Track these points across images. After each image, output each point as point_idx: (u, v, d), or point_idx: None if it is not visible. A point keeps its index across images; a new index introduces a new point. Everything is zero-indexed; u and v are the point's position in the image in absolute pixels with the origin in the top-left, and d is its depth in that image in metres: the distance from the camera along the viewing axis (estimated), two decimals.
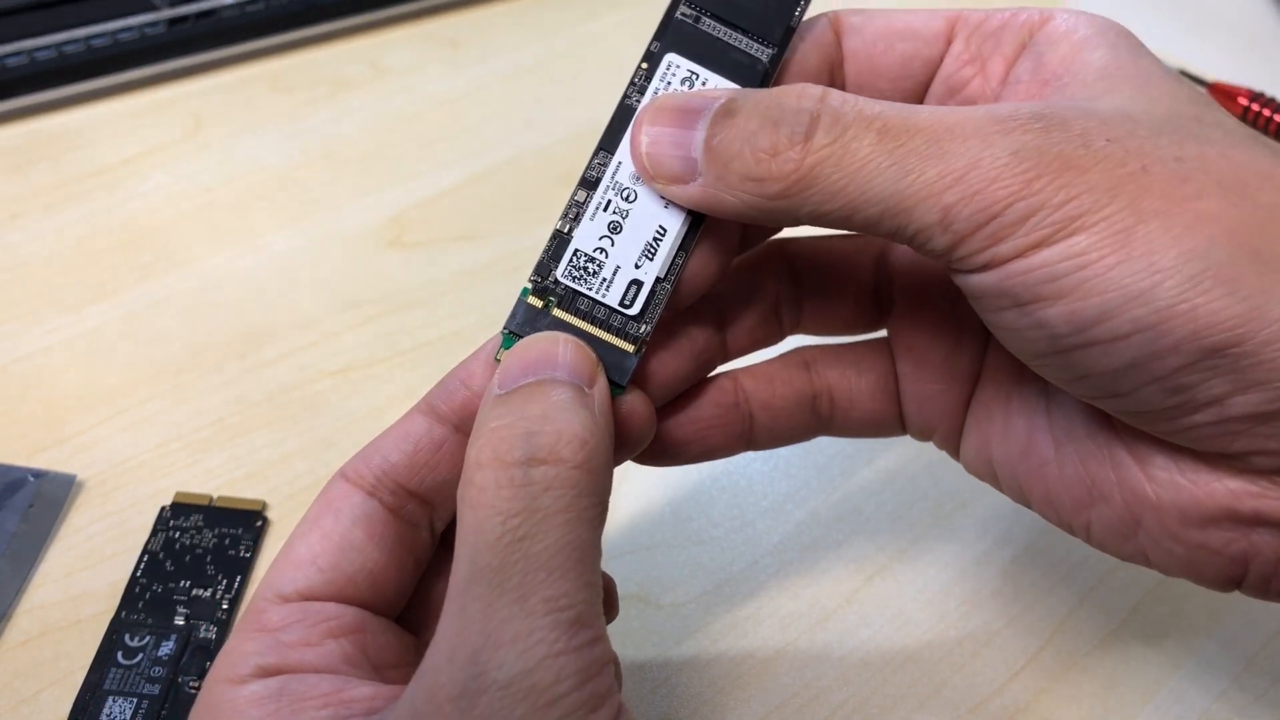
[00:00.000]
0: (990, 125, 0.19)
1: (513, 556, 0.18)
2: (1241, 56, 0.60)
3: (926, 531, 0.35)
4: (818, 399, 0.26)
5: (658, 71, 0.23)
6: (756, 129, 0.21)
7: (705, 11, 0.23)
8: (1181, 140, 0.19)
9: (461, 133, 0.50)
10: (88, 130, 0.49)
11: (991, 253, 0.19)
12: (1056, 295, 0.19)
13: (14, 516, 0.33)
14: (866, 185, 0.20)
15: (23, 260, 0.43)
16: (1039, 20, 0.23)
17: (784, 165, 0.20)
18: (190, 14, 0.52)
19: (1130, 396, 0.20)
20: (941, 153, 0.19)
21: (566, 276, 0.23)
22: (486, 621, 0.18)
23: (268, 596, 0.21)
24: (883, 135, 0.20)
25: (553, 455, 0.19)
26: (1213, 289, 0.18)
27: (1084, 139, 0.19)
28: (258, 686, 0.20)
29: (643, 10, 0.59)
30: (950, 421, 0.26)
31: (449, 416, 0.23)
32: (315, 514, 0.22)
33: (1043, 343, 0.20)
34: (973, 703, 0.31)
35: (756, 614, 0.33)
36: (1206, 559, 0.21)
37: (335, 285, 0.42)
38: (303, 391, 0.38)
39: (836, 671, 0.31)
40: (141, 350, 0.40)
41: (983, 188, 0.19)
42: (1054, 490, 0.24)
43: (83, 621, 0.32)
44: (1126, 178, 0.19)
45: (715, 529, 0.35)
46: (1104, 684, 0.31)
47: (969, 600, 0.33)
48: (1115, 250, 0.18)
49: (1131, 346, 0.19)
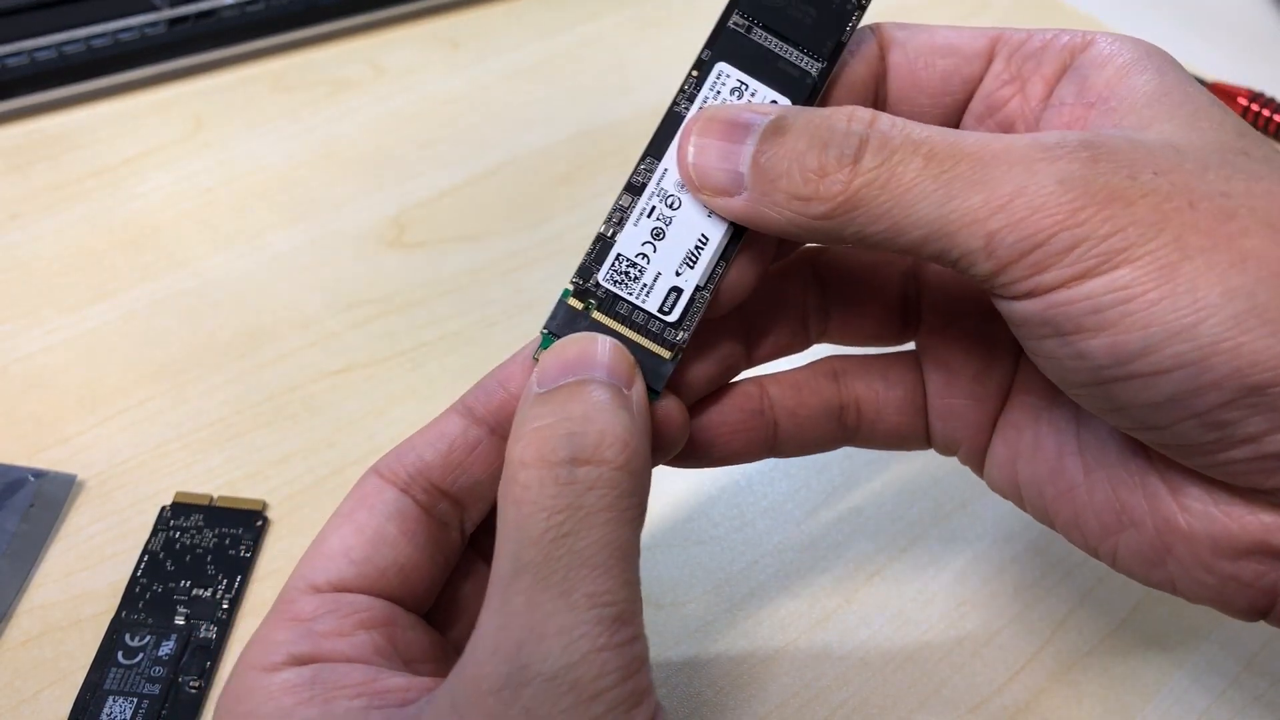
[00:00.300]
0: (1037, 153, 0.19)
1: (557, 552, 0.19)
2: (1241, 56, 0.60)
3: (926, 531, 0.35)
4: (845, 410, 0.26)
5: (708, 80, 0.23)
6: (805, 149, 0.21)
7: (757, 22, 0.23)
8: (1229, 175, 0.19)
9: (461, 133, 0.50)
10: (88, 130, 0.49)
11: (1035, 281, 0.19)
12: (1099, 327, 0.19)
13: (14, 516, 0.33)
14: (911, 209, 0.20)
15: (23, 260, 0.43)
16: (1081, 43, 0.23)
17: (831, 186, 0.20)
18: (190, 14, 0.52)
19: (1168, 430, 0.20)
20: (987, 179, 0.19)
21: (608, 280, 0.23)
22: (530, 615, 0.18)
23: (300, 586, 0.22)
24: (929, 160, 0.20)
25: (596, 455, 0.20)
26: (1256, 328, 0.18)
27: (1131, 170, 0.19)
28: (290, 674, 0.20)
29: (643, 10, 0.59)
30: (977, 438, 0.26)
31: (485, 418, 0.23)
32: (349, 508, 0.22)
33: (1083, 373, 0.20)
34: (973, 703, 0.31)
35: (756, 614, 0.33)
36: (1236, 590, 0.21)
37: (335, 285, 0.43)
38: (303, 391, 0.38)
39: (836, 671, 0.31)
40: (141, 350, 0.40)
41: (1027, 216, 0.19)
42: (1082, 514, 0.24)
43: (83, 621, 0.32)
44: (1172, 212, 0.19)
45: (715, 529, 0.35)
46: (1104, 684, 0.31)
47: (969, 600, 0.33)
48: (1160, 285, 0.18)
49: (1173, 381, 0.19)
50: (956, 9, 0.61)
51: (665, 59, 0.55)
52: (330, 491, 0.35)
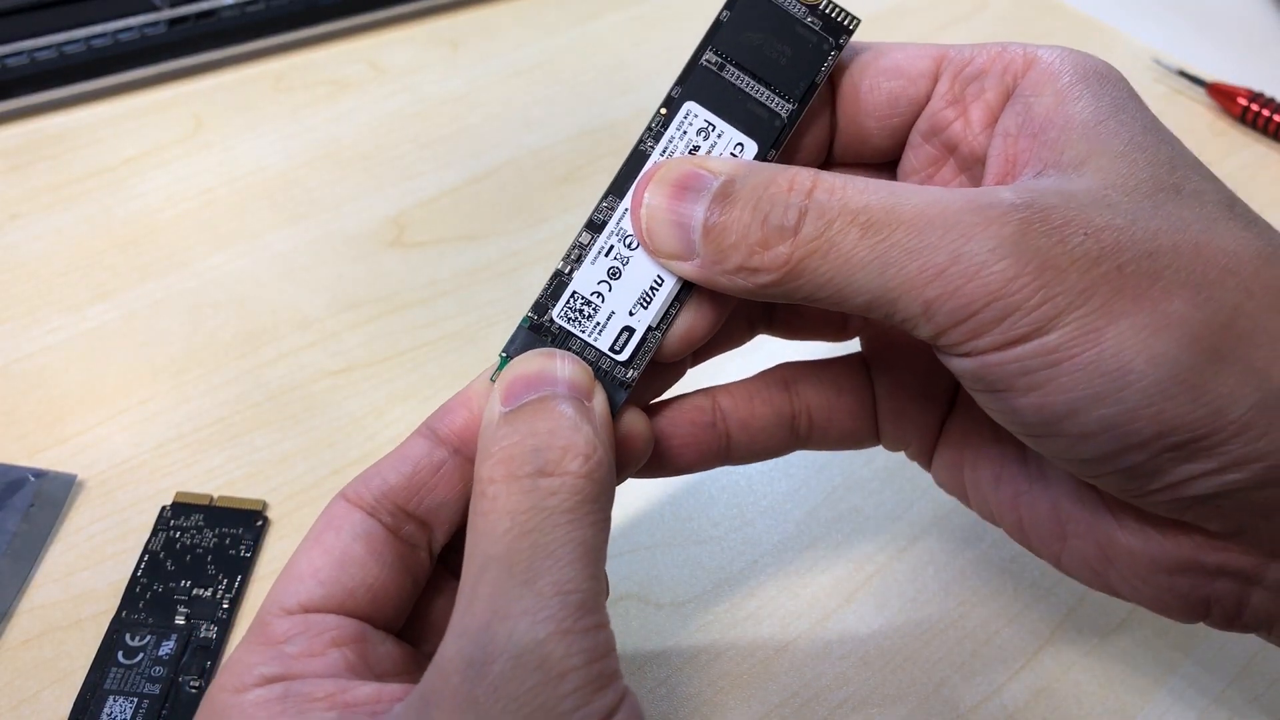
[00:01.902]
0: (971, 217, 0.20)
1: (520, 545, 0.19)
2: (1241, 56, 0.60)
3: (926, 531, 0.35)
4: (796, 418, 0.27)
5: (675, 119, 0.24)
6: (749, 221, 0.21)
7: (730, 60, 0.24)
8: (1156, 230, 0.20)
9: (461, 133, 0.50)
10: (88, 130, 0.49)
11: (971, 345, 0.20)
12: (1028, 388, 0.20)
13: (14, 516, 0.33)
14: (851, 278, 0.20)
15: (23, 260, 0.43)
16: (1023, 63, 0.23)
17: (775, 259, 0.21)
18: (190, 14, 0.52)
19: (1096, 478, 0.21)
20: (922, 247, 0.20)
21: (562, 317, 0.23)
22: (495, 600, 0.19)
23: (273, 610, 0.22)
24: (865, 229, 0.20)
25: (560, 468, 0.20)
26: (1178, 394, 0.19)
27: (1062, 235, 0.20)
28: (261, 691, 0.20)
29: (643, 10, 0.59)
30: (924, 439, 0.27)
31: (449, 439, 0.24)
32: (317, 532, 0.23)
33: (1016, 427, 0.21)
34: (972, 702, 0.31)
35: (756, 614, 0.33)
36: (1173, 600, 0.23)
37: (335, 285, 0.43)
38: (303, 391, 0.38)
39: (836, 671, 0.31)
40: (142, 350, 0.40)
41: (962, 284, 0.20)
42: (1027, 520, 0.25)
43: (83, 621, 0.32)
44: (1101, 278, 0.19)
45: (715, 529, 0.35)
46: (1103, 684, 0.31)
47: (969, 600, 0.33)
48: (1086, 350, 0.19)
49: (1098, 443, 0.20)
50: (956, 8, 0.61)
51: (665, 59, 0.55)
52: (330, 491, 0.35)
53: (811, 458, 0.37)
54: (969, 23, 0.60)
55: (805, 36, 0.24)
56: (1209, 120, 0.54)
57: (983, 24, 0.60)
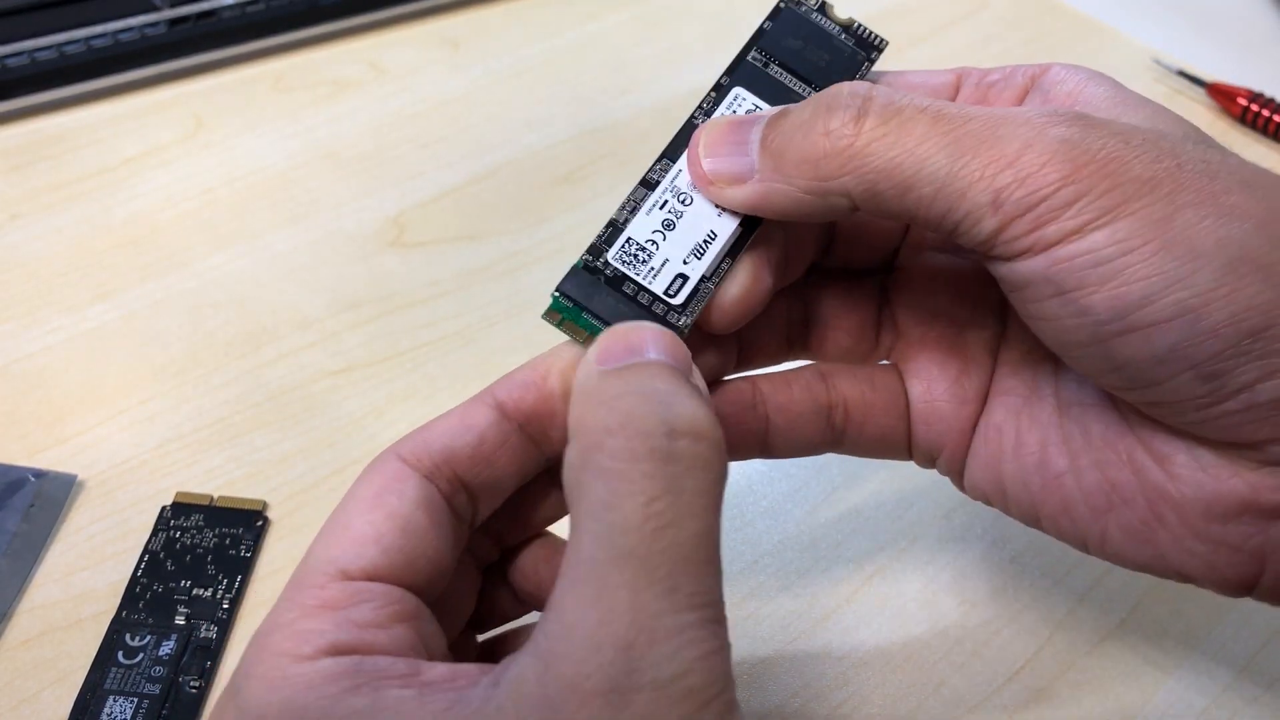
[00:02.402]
0: (1040, 118, 0.20)
1: (659, 544, 0.18)
2: (1241, 56, 0.60)
3: (926, 531, 0.35)
4: (833, 410, 0.27)
5: (725, 100, 0.24)
6: (810, 117, 0.22)
7: (774, 60, 0.25)
8: (1205, 148, 0.21)
9: (461, 133, 0.50)
10: (88, 130, 0.49)
11: (1037, 235, 0.20)
12: (1100, 281, 0.20)
13: (14, 516, 0.33)
14: (922, 164, 0.20)
15: (23, 260, 0.43)
16: (1040, 70, 0.25)
17: (838, 141, 0.21)
18: (191, 14, 0.52)
19: (1165, 385, 0.21)
20: (996, 136, 0.20)
21: (618, 259, 0.23)
22: (637, 614, 0.17)
23: (328, 571, 0.20)
24: (936, 119, 0.21)
25: (693, 429, 0.19)
26: (1249, 274, 0.19)
27: (1123, 136, 0.20)
28: (330, 663, 0.19)
29: (643, 10, 0.59)
30: (958, 441, 0.27)
31: (515, 415, 0.23)
32: (374, 491, 0.21)
33: (1084, 331, 0.21)
34: (972, 703, 0.31)
35: (756, 614, 0.33)
36: (1226, 556, 0.22)
37: (335, 285, 0.43)
38: (303, 391, 0.38)
39: (836, 671, 0.31)
40: (142, 350, 0.40)
41: (1034, 171, 0.20)
42: (1070, 501, 0.24)
43: (83, 621, 0.32)
44: (1163, 172, 0.20)
45: None
46: (1104, 684, 0.31)
47: (969, 600, 0.33)
48: (1157, 236, 0.19)
49: (1172, 331, 0.19)
50: (956, 8, 0.61)
51: (665, 59, 0.55)
52: (330, 491, 0.35)
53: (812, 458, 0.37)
54: (969, 23, 0.60)
55: (840, 48, 0.25)
56: (1209, 120, 0.54)
57: (983, 24, 0.60)
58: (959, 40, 0.59)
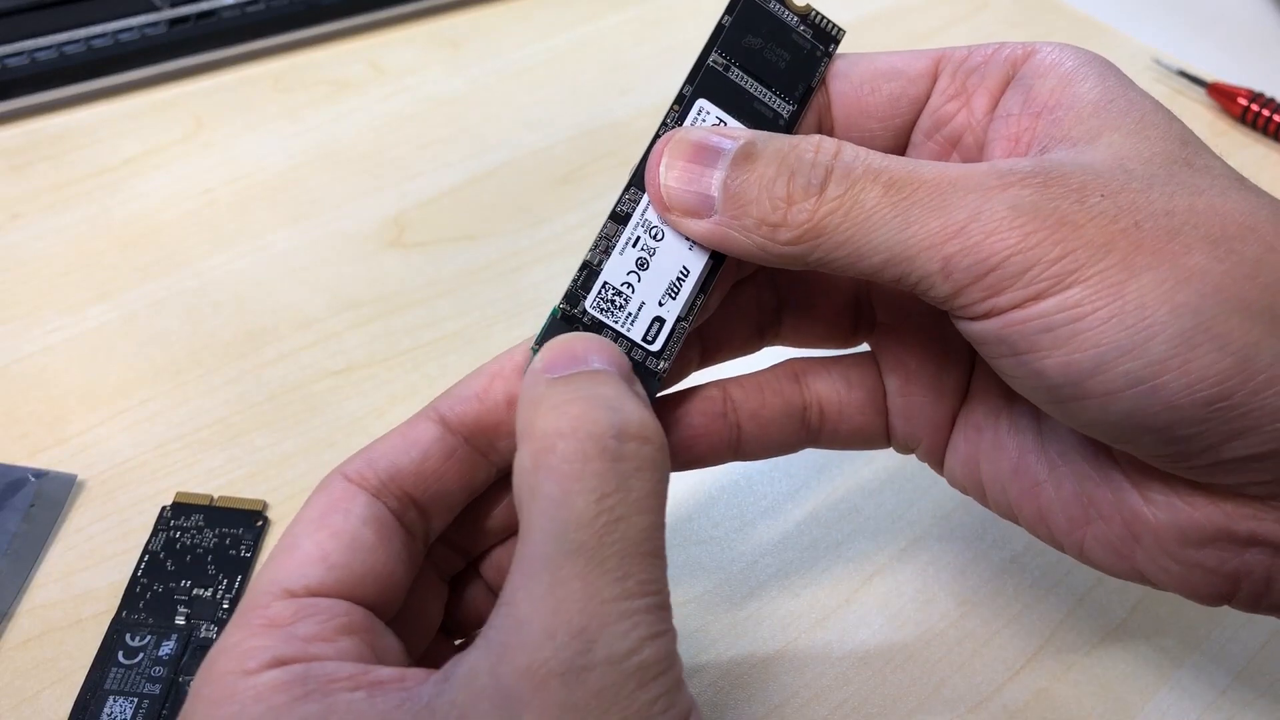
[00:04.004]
0: (990, 180, 0.20)
1: (610, 537, 0.19)
2: (1241, 56, 0.60)
3: (926, 531, 0.35)
4: (807, 410, 0.27)
5: (689, 115, 0.24)
6: (774, 176, 0.21)
7: (735, 61, 0.24)
8: (1172, 193, 0.20)
9: (461, 133, 0.50)
10: (88, 130, 0.49)
11: (991, 303, 0.20)
12: (1052, 346, 0.20)
13: (15, 516, 0.33)
14: (872, 235, 0.20)
15: (23, 260, 0.43)
16: (1022, 54, 0.24)
17: (798, 214, 0.21)
18: (191, 15, 0.52)
19: (1129, 444, 0.21)
20: (943, 205, 0.20)
21: (595, 308, 0.23)
22: (589, 601, 0.18)
23: (272, 591, 0.21)
24: (888, 188, 0.20)
25: (641, 433, 0.20)
26: (1204, 344, 0.19)
27: (1080, 194, 0.20)
28: (276, 673, 0.19)
29: (643, 10, 0.59)
30: (936, 436, 0.27)
31: (459, 428, 0.23)
32: (320, 512, 0.22)
33: (1041, 391, 0.21)
34: (972, 702, 0.31)
35: (756, 614, 0.33)
36: (1201, 577, 0.22)
37: (335, 285, 0.43)
38: (303, 391, 0.38)
39: (836, 671, 0.31)
40: (142, 350, 0.40)
41: (981, 240, 0.20)
42: (1047, 509, 0.24)
43: (83, 621, 0.32)
44: (1119, 234, 0.19)
45: (715, 529, 0.35)
46: (1103, 684, 0.31)
47: (969, 600, 0.33)
48: (1109, 303, 0.19)
49: (1127, 400, 0.19)
50: (956, 8, 0.61)
51: (665, 59, 0.55)
52: None
53: (812, 458, 0.37)
54: (969, 23, 0.60)
55: (799, 44, 0.25)
56: (1209, 120, 0.54)
57: (983, 24, 0.60)
58: (959, 40, 0.58)
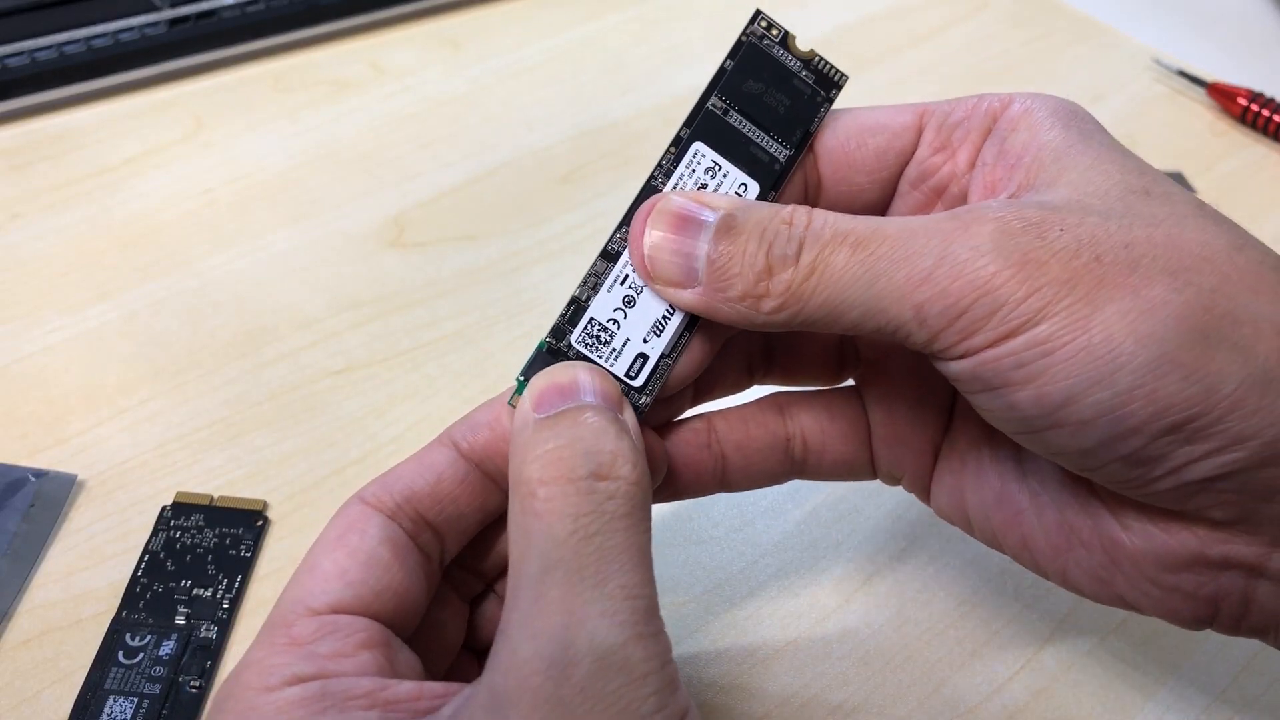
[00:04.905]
0: (952, 224, 0.21)
1: (587, 548, 0.20)
2: (1241, 56, 0.60)
3: (926, 531, 0.35)
4: (791, 442, 0.27)
5: (684, 159, 0.25)
6: (755, 251, 0.22)
7: (734, 105, 0.25)
8: (1130, 224, 0.21)
9: (461, 133, 0.50)
10: (88, 130, 0.49)
11: (965, 345, 0.21)
12: (1025, 381, 0.20)
13: (15, 516, 0.33)
14: (845, 293, 0.21)
15: (23, 260, 0.43)
16: (1000, 106, 0.25)
17: (777, 285, 0.22)
18: (191, 14, 0.52)
19: (1098, 471, 0.21)
20: (908, 255, 0.21)
21: (580, 343, 0.24)
22: (568, 602, 0.19)
23: (296, 610, 0.21)
24: (855, 247, 0.21)
25: (614, 472, 0.21)
26: (1168, 372, 0.19)
27: (1039, 231, 0.20)
28: (297, 690, 0.20)
29: (643, 10, 0.59)
30: (921, 467, 0.27)
31: (470, 454, 0.24)
32: (337, 533, 0.23)
33: (1016, 424, 0.22)
34: (972, 702, 0.31)
35: (756, 614, 0.33)
36: (1180, 600, 0.23)
37: (335, 285, 0.43)
38: (303, 391, 0.38)
39: (836, 671, 0.31)
40: (142, 350, 0.40)
41: (949, 284, 0.20)
42: (1031, 537, 0.25)
43: (83, 621, 0.32)
44: (1082, 269, 0.20)
45: (715, 529, 0.35)
46: (1103, 684, 0.31)
47: (969, 600, 0.33)
48: (1077, 337, 0.20)
49: (1098, 428, 0.20)
50: (956, 8, 0.61)
51: (665, 59, 0.55)
52: (330, 491, 0.35)
53: None
54: (969, 23, 0.60)
55: (800, 89, 0.25)
56: (1209, 120, 0.54)
57: (983, 24, 0.60)
58: (959, 40, 0.59)
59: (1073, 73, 0.57)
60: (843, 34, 0.58)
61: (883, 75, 0.56)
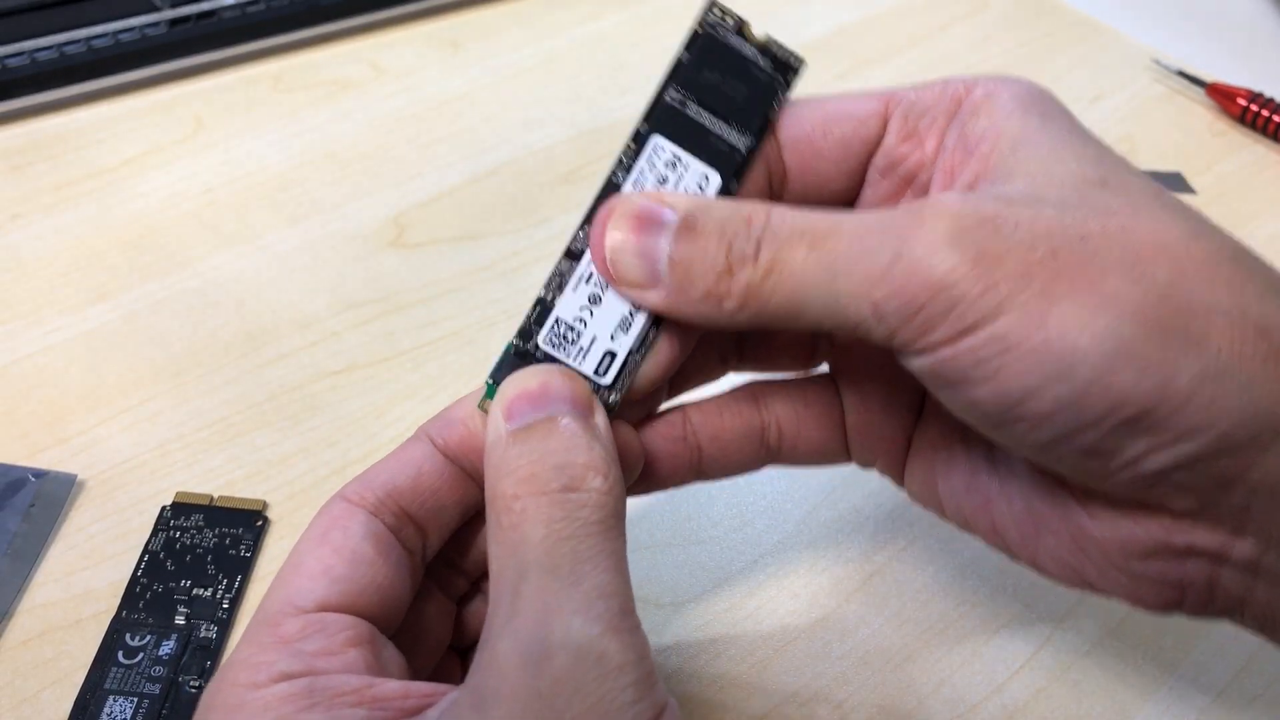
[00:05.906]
0: (907, 220, 0.21)
1: (560, 550, 0.20)
2: (1241, 56, 0.60)
3: (926, 530, 0.35)
4: (766, 430, 0.27)
5: (644, 153, 0.24)
6: (715, 251, 0.22)
7: (692, 96, 0.24)
8: (1085, 217, 0.21)
9: (461, 133, 0.50)
10: (89, 131, 0.49)
11: (924, 341, 0.21)
12: (984, 377, 0.20)
13: (15, 516, 0.33)
14: (804, 291, 0.21)
15: (23, 260, 0.43)
16: (964, 90, 0.24)
17: (738, 284, 0.22)
18: (191, 15, 0.52)
19: (1061, 461, 0.22)
20: (864, 251, 0.21)
21: (547, 343, 0.24)
22: (544, 599, 0.19)
23: (283, 609, 0.22)
24: (812, 245, 0.21)
25: (586, 484, 0.21)
26: (1124, 367, 0.19)
27: (994, 225, 0.20)
28: (284, 686, 0.20)
29: (643, 9, 0.59)
30: (893, 452, 0.27)
31: (446, 450, 0.24)
32: (320, 532, 0.23)
33: (978, 418, 0.22)
34: (972, 702, 0.31)
35: (756, 614, 0.33)
36: (1147, 587, 0.23)
37: (335, 285, 0.43)
38: (303, 391, 0.38)
39: (836, 671, 0.31)
40: (142, 350, 0.40)
41: (905, 281, 0.20)
42: (1000, 523, 0.25)
43: (83, 621, 0.32)
44: (1037, 263, 0.20)
45: (715, 528, 0.35)
46: (1103, 684, 0.31)
47: (969, 600, 0.33)
48: (1034, 333, 0.20)
49: (1056, 422, 0.20)
50: (956, 8, 0.61)
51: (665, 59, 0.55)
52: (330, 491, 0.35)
53: None
54: (969, 22, 0.60)
55: (758, 76, 0.25)
56: (1209, 120, 0.54)
57: (983, 24, 0.60)
58: (959, 40, 0.59)
59: (1072, 73, 0.57)
60: (843, 34, 0.59)
61: (883, 75, 0.56)
